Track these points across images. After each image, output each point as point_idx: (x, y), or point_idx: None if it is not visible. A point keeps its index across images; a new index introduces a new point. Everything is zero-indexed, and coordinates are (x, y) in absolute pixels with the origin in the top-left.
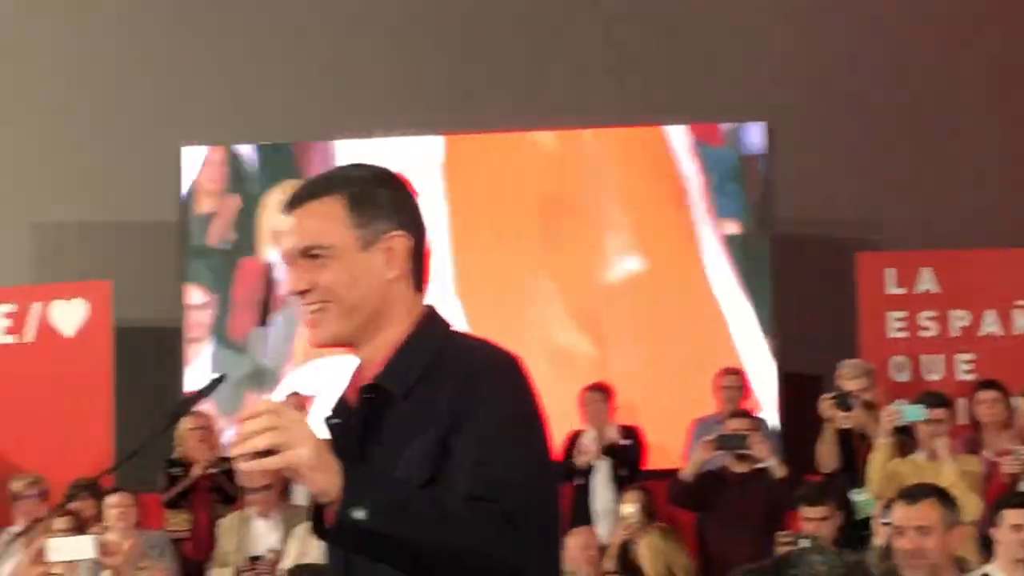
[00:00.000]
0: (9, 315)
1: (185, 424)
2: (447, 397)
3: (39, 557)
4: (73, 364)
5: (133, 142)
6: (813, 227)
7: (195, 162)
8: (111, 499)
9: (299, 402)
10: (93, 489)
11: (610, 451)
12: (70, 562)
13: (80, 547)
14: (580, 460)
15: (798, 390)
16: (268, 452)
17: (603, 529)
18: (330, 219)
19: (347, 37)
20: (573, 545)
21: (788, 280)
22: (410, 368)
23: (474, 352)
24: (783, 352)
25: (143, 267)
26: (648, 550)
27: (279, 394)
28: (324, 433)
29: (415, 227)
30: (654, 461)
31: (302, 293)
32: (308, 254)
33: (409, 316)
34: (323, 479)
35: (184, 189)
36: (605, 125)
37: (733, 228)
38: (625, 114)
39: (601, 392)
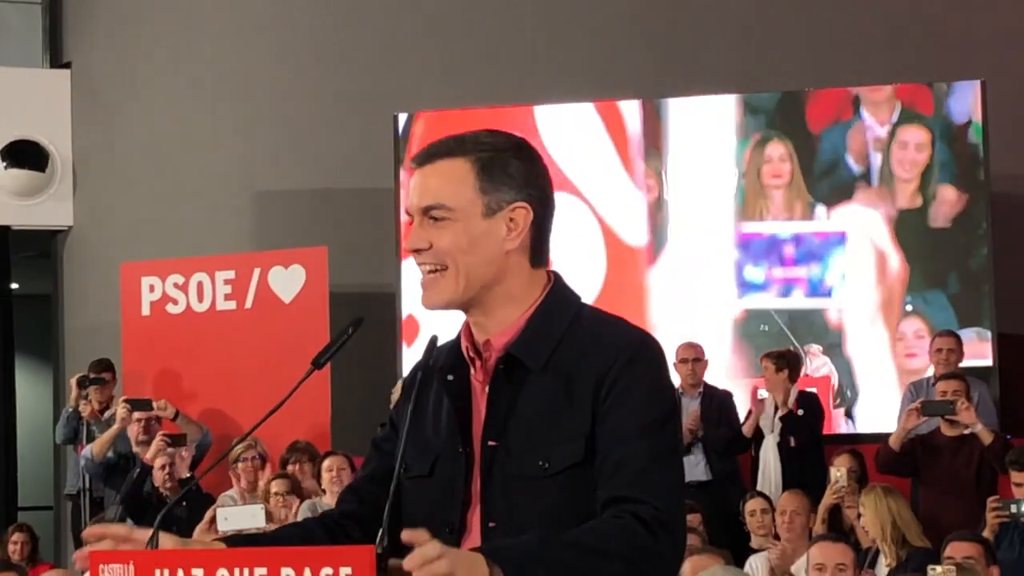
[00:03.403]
0: (229, 282)
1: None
2: (596, 372)
3: (211, 525)
4: (290, 329)
5: (350, 110)
6: None
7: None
8: (327, 462)
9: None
10: (310, 451)
11: (783, 420)
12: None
13: (250, 516)
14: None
15: (1017, 353)
16: None
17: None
18: (457, 181)
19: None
20: (784, 508)
21: (1005, 241)
22: (545, 340)
23: (619, 328)
24: (1000, 314)
25: (360, 233)
26: (869, 508)
27: None
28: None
29: (541, 200)
30: (866, 424)
31: (418, 251)
32: (430, 213)
33: (532, 287)
34: None
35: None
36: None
37: (949, 191)
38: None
39: (774, 360)
